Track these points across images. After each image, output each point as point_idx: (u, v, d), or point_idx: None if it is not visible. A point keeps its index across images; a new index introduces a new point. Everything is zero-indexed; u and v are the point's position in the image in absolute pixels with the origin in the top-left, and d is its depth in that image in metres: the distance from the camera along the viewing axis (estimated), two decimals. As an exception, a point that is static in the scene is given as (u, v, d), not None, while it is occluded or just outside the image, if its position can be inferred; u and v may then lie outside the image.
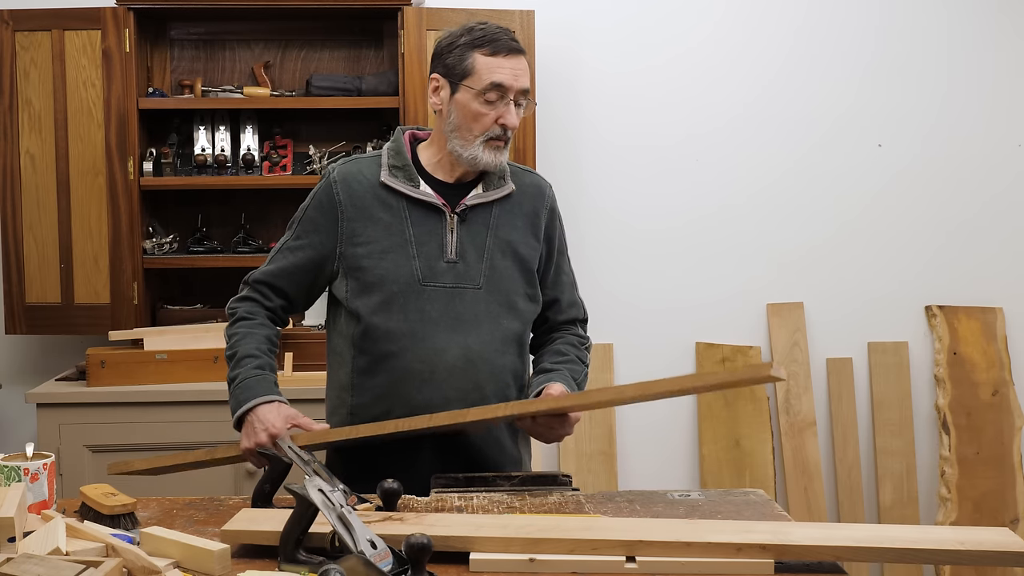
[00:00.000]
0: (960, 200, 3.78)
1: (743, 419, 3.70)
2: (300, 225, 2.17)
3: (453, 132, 2.12)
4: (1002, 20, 3.75)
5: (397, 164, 2.15)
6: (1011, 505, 3.69)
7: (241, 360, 2.13)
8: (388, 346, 2.13)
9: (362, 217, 2.13)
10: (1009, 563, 1.68)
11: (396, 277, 2.12)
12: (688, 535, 1.73)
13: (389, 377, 2.14)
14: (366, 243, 2.13)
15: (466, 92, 2.10)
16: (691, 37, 3.70)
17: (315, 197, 2.17)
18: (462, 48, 2.11)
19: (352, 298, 2.14)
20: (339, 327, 2.20)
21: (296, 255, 2.17)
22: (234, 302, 2.22)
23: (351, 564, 1.57)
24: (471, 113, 2.10)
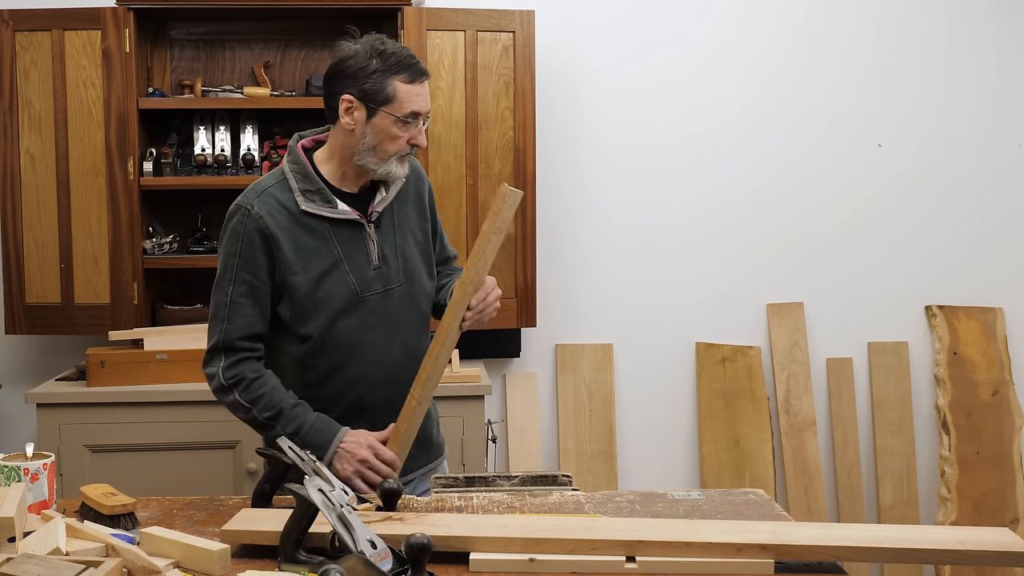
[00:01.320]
0: (960, 200, 3.78)
1: (743, 419, 3.70)
2: (239, 271, 2.19)
3: (368, 151, 2.20)
4: (1002, 21, 3.75)
5: (310, 188, 2.21)
6: (1011, 505, 3.69)
7: (292, 411, 2.20)
8: (339, 357, 2.23)
9: (293, 247, 2.19)
10: (1009, 563, 1.68)
11: (337, 296, 2.21)
12: (688, 535, 1.73)
13: (343, 385, 2.25)
14: (302, 271, 2.19)
15: (385, 117, 2.18)
16: (691, 37, 3.70)
17: (243, 238, 2.18)
18: (381, 74, 2.17)
19: (297, 322, 2.21)
20: (277, 344, 2.26)
21: (251, 301, 2.20)
22: (229, 370, 2.20)
23: (351, 564, 1.57)
24: (389, 136, 2.19)
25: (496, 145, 3.37)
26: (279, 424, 2.19)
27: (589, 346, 3.69)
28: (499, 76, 3.35)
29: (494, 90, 3.35)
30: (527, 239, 3.40)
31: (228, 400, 2.23)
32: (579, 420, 3.69)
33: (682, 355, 3.75)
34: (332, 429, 2.20)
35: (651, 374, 3.75)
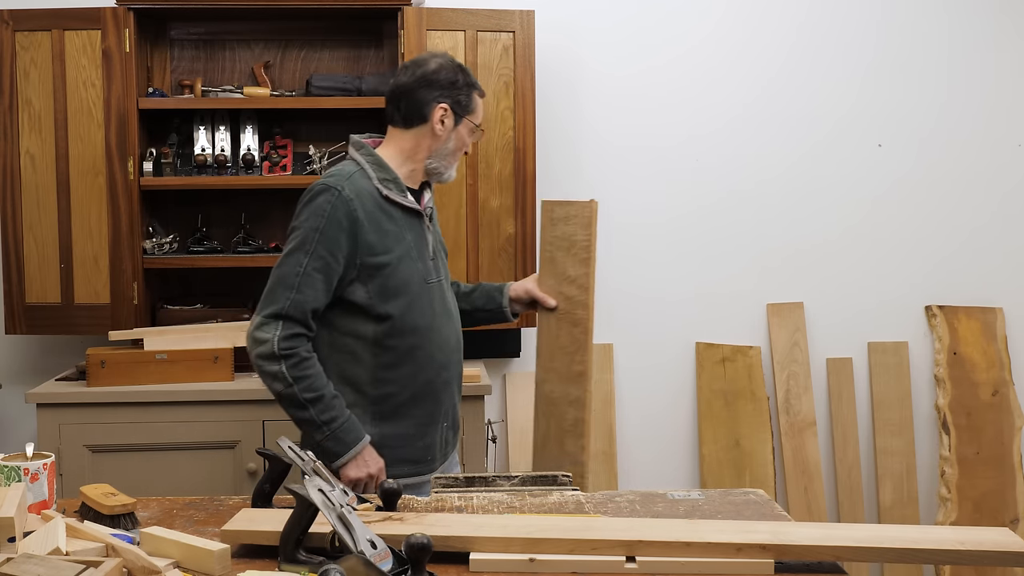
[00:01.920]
0: (960, 200, 3.78)
1: (743, 419, 3.70)
2: (318, 245, 2.30)
3: (446, 155, 2.44)
4: (1003, 20, 3.75)
5: (387, 177, 2.39)
6: (1011, 505, 3.69)
7: (331, 402, 2.31)
8: (413, 339, 2.38)
9: (376, 230, 2.34)
10: (1009, 563, 1.68)
11: (413, 279, 2.38)
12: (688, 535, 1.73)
13: (415, 366, 2.40)
14: (384, 252, 2.35)
15: (467, 126, 2.45)
16: (691, 37, 3.71)
17: (329, 216, 2.30)
18: (467, 88, 2.43)
19: (377, 302, 2.35)
20: (350, 329, 2.37)
21: (323, 277, 2.31)
22: (285, 340, 2.28)
23: (351, 564, 1.57)
24: (463, 143, 2.46)
25: (496, 145, 3.37)
26: (315, 408, 2.28)
27: (589, 346, 3.69)
28: (499, 76, 3.35)
29: (494, 90, 3.35)
30: (527, 239, 3.40)
31: (271, 369, 2.29)
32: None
33: (682, 355, 3.75)
34: (361, 433, 2.33)
35: (651, 374, 3.75)
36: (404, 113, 2.42)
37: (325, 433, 2.29)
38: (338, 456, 2.30)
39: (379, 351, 2.37)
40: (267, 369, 2.29)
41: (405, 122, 2.42)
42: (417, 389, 2.41)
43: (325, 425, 2.29)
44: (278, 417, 3.18)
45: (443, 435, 2.49)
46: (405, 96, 2.41)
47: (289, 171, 3.48)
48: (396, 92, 2.43)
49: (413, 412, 2.41)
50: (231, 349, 3.29)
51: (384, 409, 2.39)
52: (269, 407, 3.19)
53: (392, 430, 2.39)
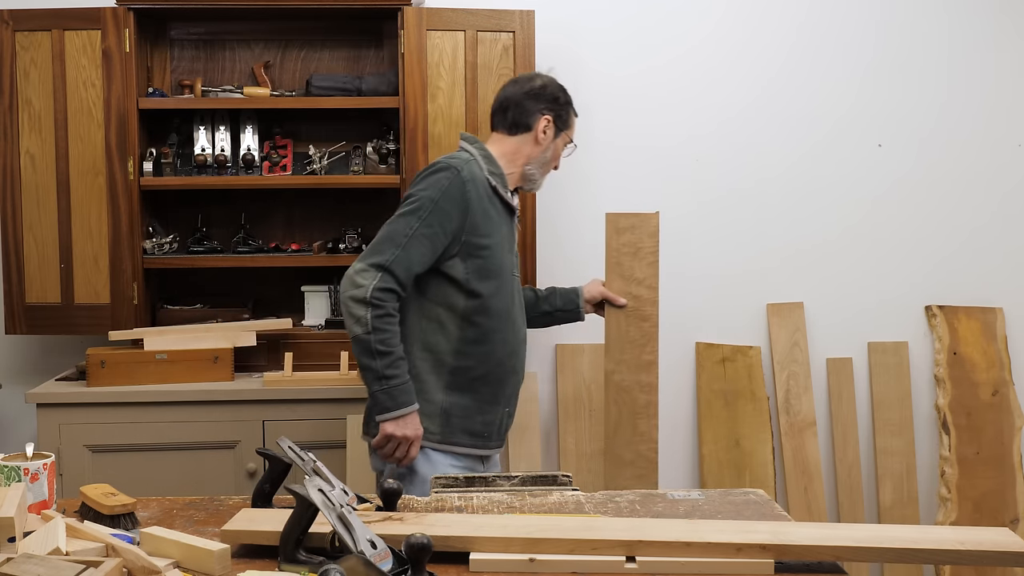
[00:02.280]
0: (960, 200, 3.78)
1: (743, 419, 3.70)
2: (431, 214, 2.50)
3: (542, 164, 2.74)
4: (1003, 20, 3.75)
5: (495, 171, 2.64)
6: (1011, 505, 3.69)
7: (398, 362, 2.49)
8: (496, 321, 2.61)
9: (482, 214, 2.57)
10: (1009, 563, 1.68)
11: (504, 267, 2.63)
12: (688, 535, 1.73)
13: (491, 346, 2.61)
14: (487, 235, 2.58)
15: (563, 139, 2.76)
16: (691, 37, 3.70)
17: (446, 191, 2.52)
18: (568, 106, 2.75)
19: (473, 280, 2.57)
20: (443, 300, 2.58)
21: (429, 243, 2.51)
22: (379, 292, 2.46)
23: (351, 564, 1.57)
24: (557, 155, 2.77)
25: (496, 145, 3.37)
26: (382, 361, 2.46)
27: (589, 346, 3.69)
28: (499, 76, 3.35)
29: (494, 90, 3.33)
30: (527, 239, 3.40)
31: (357, 312, 2.46)
32: (579, 420, 3.69)
33: (682, 355, 3.75)
34: (413, 399, 2.51)
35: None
36: (511, 121, 2.70)
37: (383, 386, 2.48)
38: (387, 411, 2.48)
39: (465, 326, 2.58)
40: (354, 311, 2.46)
41: (510, 129, 2.70)
42: (490, 368, 2.62)
43: (385, 379, 2.47)
44: (278, 417, 3.19)
45: (502, 417, 2.69)
46: (513, 106, 2.70)
47: (289, 171, 3.48)
48: (505, 102, 2.72)
49: (481, 389, 2.62)
50: (231, 349, 3.29)
51: (458, 380, 2.60)
52: (269, 407, 3.20)
53: (461, 401, 2.60)
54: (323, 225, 3.64)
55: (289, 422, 3.19)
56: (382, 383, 2.48)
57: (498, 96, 2.76)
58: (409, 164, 3.33)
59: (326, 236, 3.59)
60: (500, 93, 2.76)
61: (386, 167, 3.46)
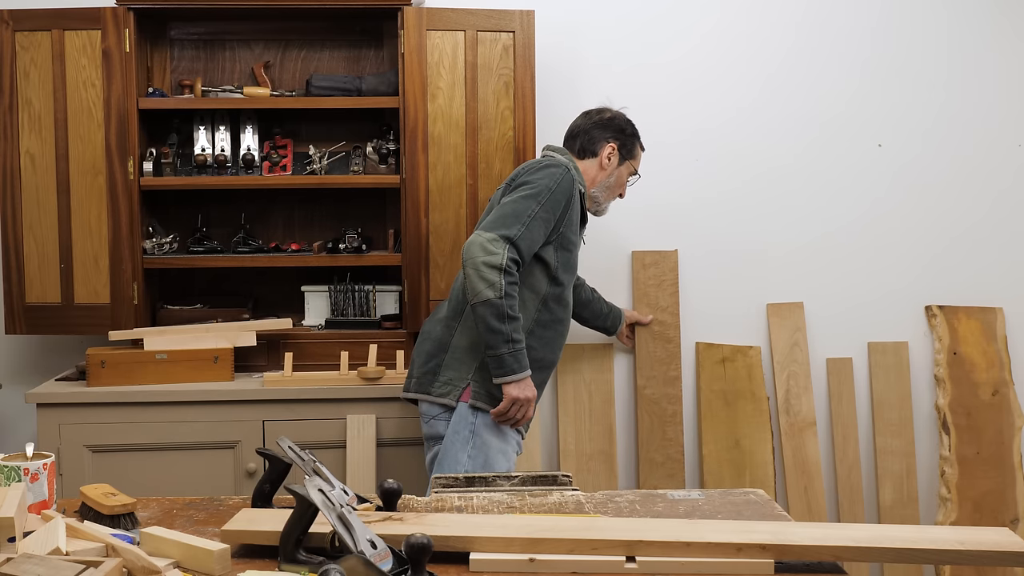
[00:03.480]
0: (960, 200, 3.78)
1: (743, 419, 3.70)
2: (548, 201, 2.75)
3: (605, 188, 3.03)
4: (1002, 21, 3.75)
5: (582, 183, 2.94)
6: (1011, 505, 3.69)
7: (520, 328, 2.70)
8: (563, 313, 2.88)
9: (576, 213, 2.85)
10: (1009, 563, 1.68)
11: (577, 266, 2.92)
12: (688, 535, 1.73)
13: (553, 335, 2.87)
14: (574, 232, 2.86)
15: (627, 168, 3.06)
16: (691, 37, 3.70)
17: (560, 185, 2.79)
18: (634, 137, 3.06)
19: (559, 268, 2.83)
20: (531, 282, 2.80)
21: (543, 226, 2.75)
22: (511, 263, 2.66)
23: (351, 564, 1.57)
24: (621, 182, 3.07)
25: (496, 145, 3.37)
26: (511, 325, 2.66)
27: (588, 346, 3.69)
28: (499, 76, 3.35)
29: (494, 90, 3.36)
30: (527, 239, 3.40)
31: (491, 277, 2.64)
32: (579, 420, 3.69)
33: (682, 355, 3.74)
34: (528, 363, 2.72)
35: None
36: (579, 147, 3.01)
37: (510, 349, 2.67)
38: (512, 372, 2.68)
39: (542, 308, 2.82)
40: (487, 276, 2.63)
41: (579, 154, 3.01)
42: (546, 354, 2.85)
43: (513, 343, 2.67)
44: (278, 417, 3.19)
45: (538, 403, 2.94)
46: (582, 133, 3.03)
47: (289, 171, 3.48)
48: (574, 130, 3.05)
49: (537, 372, 2.82)
50: (231, 349, 3.29)
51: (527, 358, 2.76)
52: (269, 407, 3.20)
53: None
54: (323, 225, 3.64)
55: (289, 422, 3.19)
56: (510, 346, 2.67)
57: (570, 126, 3.08)
58: (409, 164, 3.33)
59: (326, 236, 3.59)
60: (572, 124, 3.08)
61: (386, 167, 3.46)
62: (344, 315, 3.48)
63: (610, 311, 3.47)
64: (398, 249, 3.44)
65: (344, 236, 3.45)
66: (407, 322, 3.38)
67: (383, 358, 3.33)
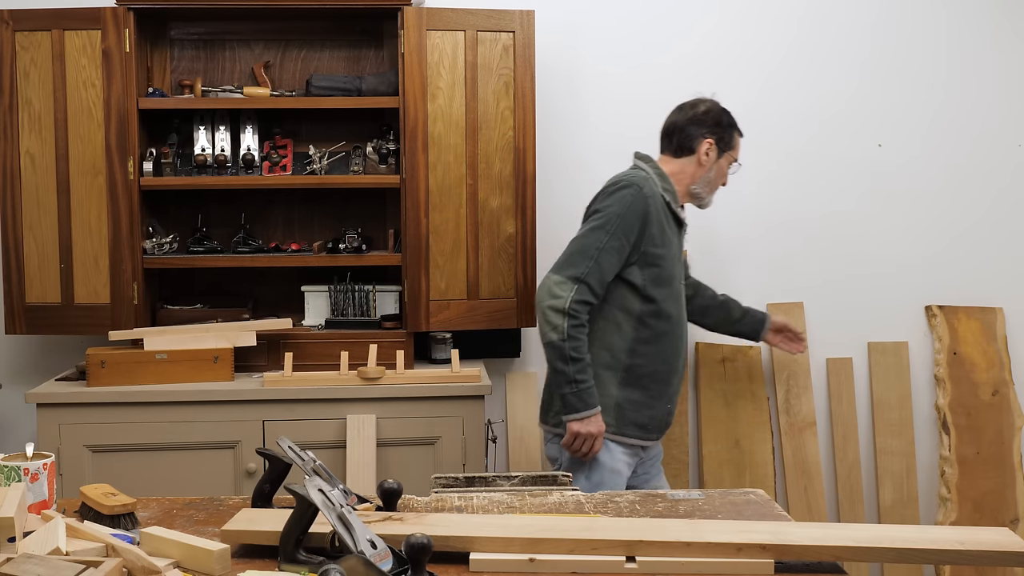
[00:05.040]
0: (960, 200, 3.78)
1: (743, 419, 3.70)
2: (618, 228, 2.81)
3: (706, 183, 3.01)
4: (1001, 22, 3.75)
5: (668, 188, 2.94)
6: (1011, 505, 3.69)
7: (586, 368, 2.79)
8: (666, 325, 2.91)
9: (658, 227, 2.86)
10: (1009, 563, 1.68)
11: (674, 276, 2.94)
12: (688, 535, 1.73)
13: (660, 346, 2.91)
14: (662, 246, 2.87)
15: (726, 160, 3.02)
16: (690, 37, 3.70)
17: (630, 206, 2.83)
18: (730, 128, 3.01)
19: (649, 286, 2.86)
20: (621, 304, 2.87)
21: (616, 255, 2.81)
22: (577, 304, 2.76)
23: (351, 564, 1.57)
24: (722, 174, 3.04)
25: (496, 145, 3.37)
26: (574, 367, 2.76)
27: (589, 346, 3.69)
28: (499, 76, 3.35)
29: (494, 90, 3.35)
30: (527, 239, 3.40)
31: (555, 321, 2.76)
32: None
33: (682, 355, 3.74)
34: (596, 401, 2.80)
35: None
36: (676, 145, 2.99)
37: (573, 389, 2.78)
38: (576, 411, 2.78)
39: (639, 327, 2.87)
40: (551, 320, 2.76)
41: (676, 152, 2.99)
42: (658, 366, 2.90)
43: (576, 383, 2.77)
44: (278, 417, 3.19)
45: (663, 413, 2.96)
46: (678, 131, 2.99)
47: (289, 171, 3.48)
48: (670, 127, 3.02)
49: (650, 385, 2.90)
50: (231, 349, 3.29)
51: (630, 377, 2.88)
52: (269, 407, 3.20)
53: (631, 396, 2.89)
54: (323, 225, 3.64)
55: (289, 422, 3.19)
56: (572, 386, 2.77)
57: (665, 122, 3.04)
58: (409, 164, 3.33)
59: (326, 236, 3.59)
60: (667, 119, 3.04)
61: (386, 167, 3.46)
62: (344, 315, 3.48)
63: (743, 316, 3.37)
64: (398, 249, 3.44)
65: (344, 236, 3.45)
66: (407, 322, 3.38)
67: (383, 358, 3.33)
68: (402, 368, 3.28)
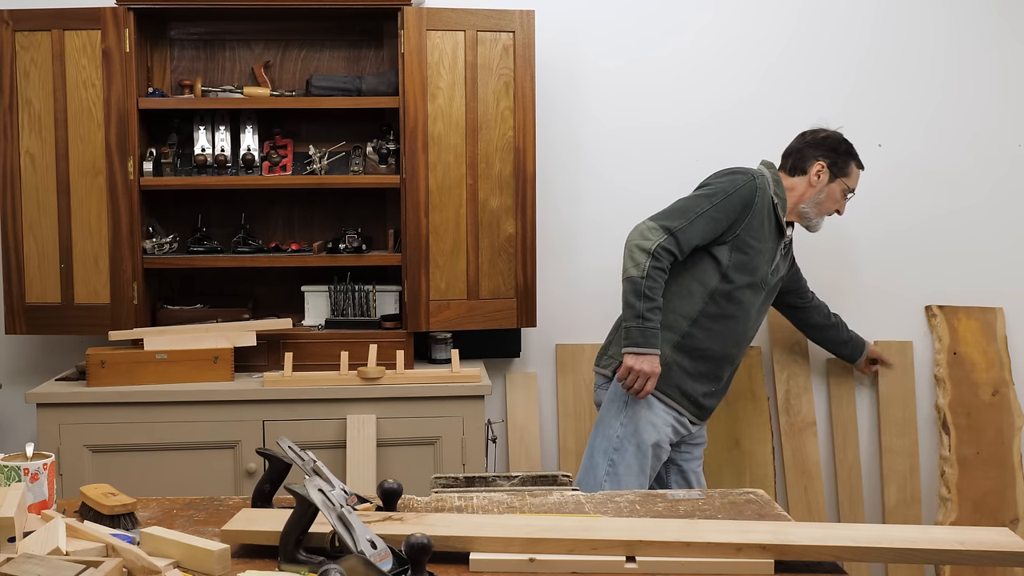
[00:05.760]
0: (960, 200, 3.78)
1: (743, 419, 3.70)
2: (722, 202, 2.92)
3: (814, 204, 3.12)
4: (1000, 22, 3.75)
5: (780, 195, 3.06)
6: (1011, 505, 3.69)
7: (656, 309, 2.87)
8: (734, 310, 2.99)
9: (758, 220, 2.96)
10: (1009, 563, 1.68)
11: (759, 272, 3.01)
12: (688, 535, 1.73)
13: (721, 328, 2.99)
14: (756, 239, 2.97)
15: (839, 186, 3.13)
16: (690, 36, 3.70)
17: (740, 189, 2.95)
18: (847, 156, 3.13)
19: (732, 269, 2.96)
20: (700, 275, 2.96)
21: (712, 225, 2.90)
22: (661, 249, 2.85)
23: (351, 564, 1.57)
24: (833, 199, 3.15)
25: (496, 145, 3.37)
26: (644, 303, 2.85)
27: (589, 346, 3.69)
28: (499, 76, 3.35)
29: (494, 90, 3.35)
30: (527, 239, 3.40)
31: (639, 258, 2.85)
32: (579, 420, 3.69)
33: (682, 355, 3.74)
34: (658, 343, 2.88)
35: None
36: (790, 165, 3.13)
37: (638, 323, 2.85)
38: (636, 345, 2.85)
39: (709, 302, 2.96)
40: (636, 256, 2.86)
41: (790, 172, 3.13)
42: (713, 346, 2.98)
43: (642, 318, 2.85)
44: (278, 417, 3.19)
45: (708, 393, 3.04)
46: (794, 152, 3.14)
47: (289, 171, 3.48)
48: (789, 150, 3.17)
49: (702, 360, 2.98)
50: (231, 349, 3.29)
51: (686, 344, 2.97)
52: (269, 407, 3.20)
53: (683, 362, 2.97)
54: (323, 225, 3.64)
55: (289, 422, 3.19)
56: (639, 321, 2.85)
57: (786, 148, 3.20)
58: (409, 164, 3.33)
59: (326, 236, 3.59)
60: (788, 145, 3.20)
61: (386, 167, 3.46)
62: (344, 315, 3.48)
63: (848, 340, 3.54)
64: (398, 249, 3.44)
65: (344, 236, 3.45)
66: (407, 322, 3.38)
67: (383, 358, 3.33)
68: (402, 368, 3.28)
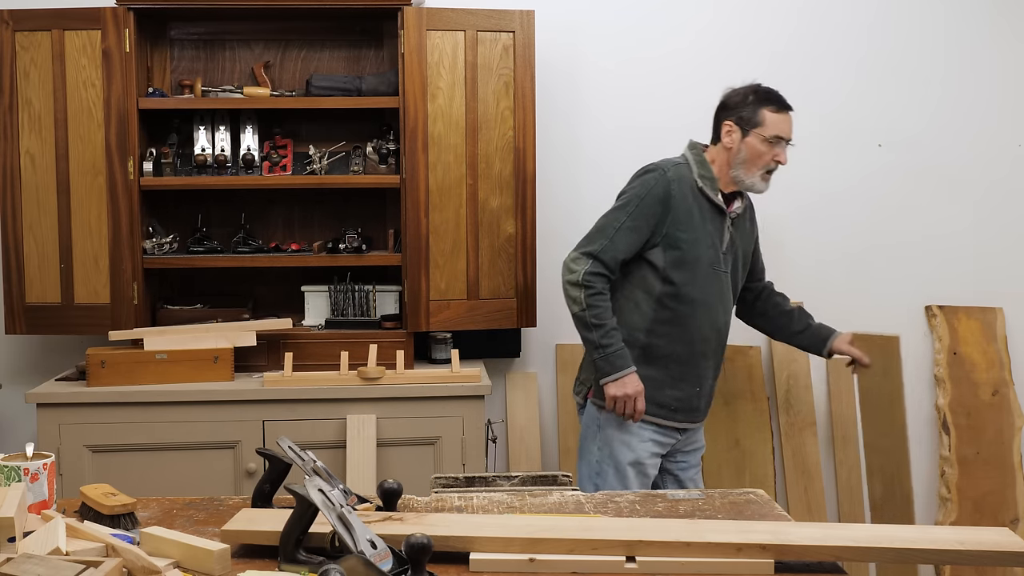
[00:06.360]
0: (960, 200, 3.78)
1: (743, 419, 3.70)
2: (637, 209, 2.88)
3: (740, 164, 2.96)
4: (999, 21, 3.75)
5: (705, 175, 2.96)
6: (1011, 505, 3.68)
7: (611, 332, 2.85)
8: (688, 308, 2.92)
9: (685, 210, 2.89)
10: (1009, 563, 1.68)
11: (701, 260, 2.91)
12: (688, 535, 1.73)
13: (681, 330, 2.92)
14: (686, 230, 2.89)
15: (755, 138, 2.94)
16: (690, 36, 3.70)
17: (651, 189, 2.89)
18: (754, 106, 2.95)
19: (669, 268, 2.89)
20: (641, 283, 2.93)
21: (634, 234, 2.87)
22: (589, 276, 2.84)
23: (351, 564, 1.57)
24: (758, 154, 2.95)
25: (496, 145, 3.37)
26: (597, 332, 2.84)
27: (589, 346, 3.69)
28: (499, 76, 3.35)
29: (494, 90, 3.35)
30: (527, 239, 3.40)
31: (574, 294, 2.86)
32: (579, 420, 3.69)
33: (682, 355, 3.74)
34: (629, 362, 2.86)
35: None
36: (712, 137, 3.04)
37: (600, 354, 2.85)
38: (607, 375, 2.85)
39: (658, 308, 2.91)
40: (571, 293, 2.86)
41: (713, 141, 3.03)
42: (677, 348, 2.92)
43: (602, 348, 2.84)
44: (278, 417, 3.19)
45: (691, 396, 2.98)
46: (714, 119, 3.03)
47: (289, 171, 3.48)
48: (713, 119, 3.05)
49: (670, 366, 2.93)
50: (231, 349, 3.29)
51: (648, 356, 2.92)
52: (269, 407, 3.20)
53: (650, 373, 2.91)
54: (323, 225, 3.64)
55: (289, 422, 3.19)
56: (600, 351, 2.84)
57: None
58: (409, 164, 3.33)
59: (326, 236, 3.59)
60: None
61: (386, 167, 3.46)
62: (344, 315, 3.48)
63: (805, 329, 3.19)
64: (398, 249, 3.44)
65: (344, 236, 3.45)
66: (407, 322, 3.38)
67: (383, 358, 3.33)
68: (402, 368, 3.28)
